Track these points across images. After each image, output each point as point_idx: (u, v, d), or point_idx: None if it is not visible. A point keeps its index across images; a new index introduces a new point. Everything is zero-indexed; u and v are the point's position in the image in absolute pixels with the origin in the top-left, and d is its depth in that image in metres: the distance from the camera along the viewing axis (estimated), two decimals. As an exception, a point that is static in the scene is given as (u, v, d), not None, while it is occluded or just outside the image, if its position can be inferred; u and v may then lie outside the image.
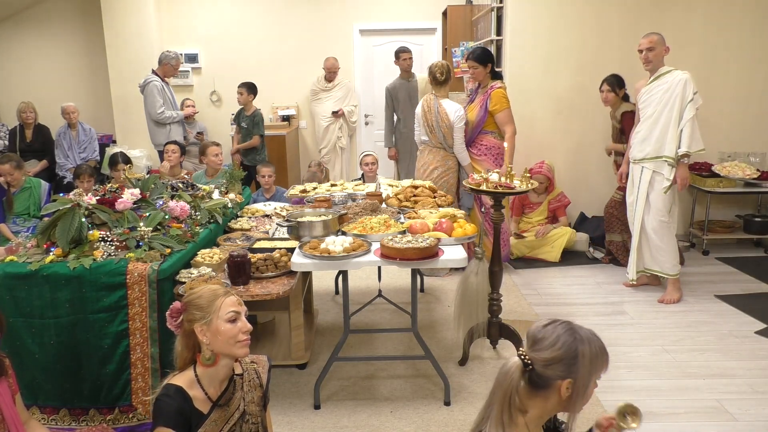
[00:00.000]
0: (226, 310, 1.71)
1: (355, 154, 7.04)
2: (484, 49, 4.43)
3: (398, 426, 2.70)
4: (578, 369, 1.38)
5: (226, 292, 1.77)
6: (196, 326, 1.71)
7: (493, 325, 3.23)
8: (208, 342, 1.71)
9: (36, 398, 2.61)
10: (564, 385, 1.38)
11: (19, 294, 2.53)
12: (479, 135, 4.42)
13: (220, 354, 1.73)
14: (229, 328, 1.71)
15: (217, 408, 1.74)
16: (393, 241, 2.65)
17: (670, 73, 3.90)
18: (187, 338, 1.76)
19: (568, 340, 1.39)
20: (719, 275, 4.59)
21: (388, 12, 7.11)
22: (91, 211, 2.83)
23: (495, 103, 4.30)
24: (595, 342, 1.42)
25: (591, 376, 1.41)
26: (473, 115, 4.40)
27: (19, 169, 4.61)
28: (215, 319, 1.70)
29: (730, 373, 3.11)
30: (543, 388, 1.40)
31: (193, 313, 1.72)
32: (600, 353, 1.42)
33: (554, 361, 1.38)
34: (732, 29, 5.15)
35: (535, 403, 1.42)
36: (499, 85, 4.36)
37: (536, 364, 1.39)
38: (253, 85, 5.98)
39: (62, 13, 7.15)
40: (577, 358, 1.38)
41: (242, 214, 3.83)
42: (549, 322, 1.44)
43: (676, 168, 3.90)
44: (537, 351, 1.41)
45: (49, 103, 6.73)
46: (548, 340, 1.40)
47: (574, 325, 1.43)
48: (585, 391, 1.41)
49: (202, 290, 1.77)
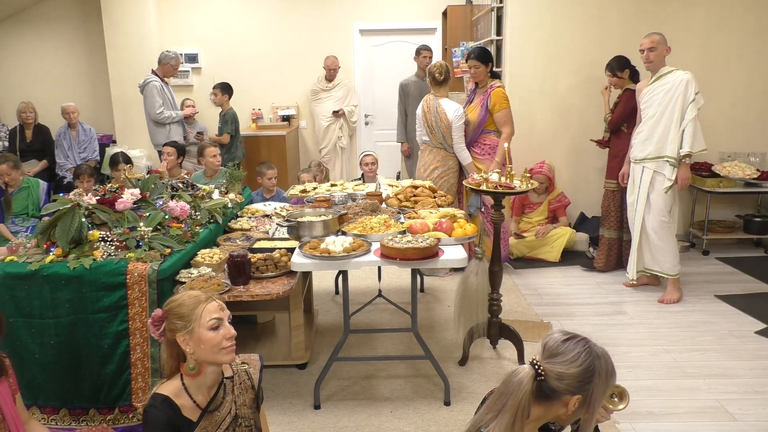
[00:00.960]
0: (207, 317, 1.66)
1: (355, 154, 7.04)
2: (485, 49, 4.44)
3: (398, 426, 2.70)
4: (592, 387, 1.38)
5: (207, 298, 1.71)
6: (178, 336, 1.67)
7: (493, 325, 3.23)
8: (192, 351, 1.67)
9: (36, 398, 2.61)
10: (573, 400, 1.38)
11: (19, 294, 2.53)
12: (481, 134, 4.42)
13: (205, 363, 1.69)
14: (212, 336, 1.66)
15: (206, 415, 1.71)
16: (393, 241, 2.65)
17: (671, 73, 3.90)
18: (170, 347, 1.72)
19: (587, 359, 1.38)
20: (719, 275, 4.59)
21: (388, 12, 7.11)
22: (91, 211, 2.83)
23: (494, 102, 4.30)
24: (610, 365, 1.42)
25: (603, 395, 1.41)
26: (474, 115, 4.40)
27: (16, 169, 4.60)
28: (197, 327, 1.65)
29: (730, 373, 3.11)
30: (550, 399, 1.39)
31: (174, 323, 1.68)
32: (612, 372, 1.42)
33: (569, 377, 1.37)
34: (732, 29, 5.15)
35: (536, 408, 1.42)
36: (499, 84, 4.36)
37: (549, 375, 1.38)
38: (227, 85, 6.04)
39: (62, 13, 7.14)
40: (594, 377, 1.38)
41: (242, 214, 3.83)
42: (569, 337, 1.42)
43: (677, 168, 3.90)
44: (553, 364, 1.39)
45: (49, 103, 6.73)
46: (568, 356, 1.38)
47: (591, 343, 1.42)
48: (596, 409, 1.41)
49: (183, 297, 1.71)
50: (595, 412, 1.41)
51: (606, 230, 4.69)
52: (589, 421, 1.42)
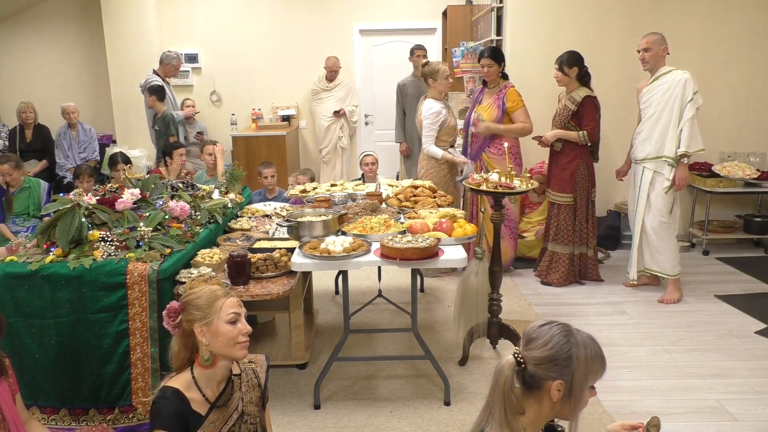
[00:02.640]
0: (227, 311, 1.71)
1: (355, 154, 7.05)
2: (498, 48, 4.47)
3: (398, 426, 2.70)
4: (571, 371, 1.37)
5: (226, 293, 1.76)
6: (195, 326, 1.70)
7: (493, 325, 3.23)
8: (207, 343, 1.71)
9: (36, 398, 2.61)
10: (554, 386, 1.38)
11: (19, 294, 2.53)
12: (497, 135, 4.41)
13: (219, 355, 1.72)
14: (230, 329, 1.70)
15: (215, 409, 1.73)
16: (393, 241, 2.65)
17: (670, 73, 3.90)
18: (185, 338, 1.75)
19: (561, 341, 1.39)
20: (719, 275, 4.59)
21: (388, 12, 7.11)
22: (91, 211, 2.83)
23: (511, 101, 4.33)
24: (591, 347, 1.41)
25: (585, 380, 1.40)
26: (489, 115, 4.40)
27: (18, 169, 4.61)
28: (216, 319, 1.70)
29: (730, 373, 3.11)
30: (535, 388, 1.40)
31: (193, 314, 1.71)
32: (595, 358, 1.41)
33: (545, 361, 1.38)
34: (732, 29, 5.15)
35: (530, 404, 1.42)
36: (512, 84, 4.40)
37: (528, 362, 1.39)
38: (158, 87, 5.61)
39: (62, 13, 7.15)
40: (570, 360, 1.37)
41: (242, 214, 3.83)
42: (546, 323, 1.44)
43: (675, 168, 3.90)
44: (530, 350, 1.40)
45: (49, 103, 6.73)
46: (541, 340, 1.40)
47: (572, 328, 1.43)
48: (580, 396, 1.40)
49: (202, 290, 1.76)
50: (579, 400, 1.40)
51: (559, 245, 4.38)
52: (573, 409, 1.40)
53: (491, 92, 4.44)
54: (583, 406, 1.43)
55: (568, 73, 4.20)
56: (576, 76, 4.21)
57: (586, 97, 4.18)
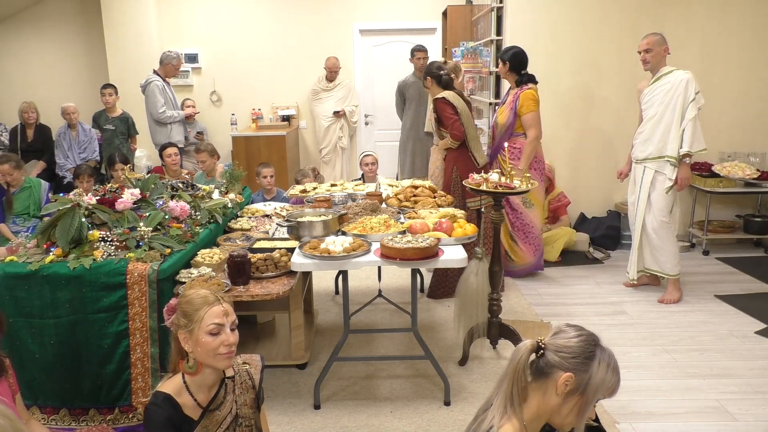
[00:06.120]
0: (208, 321, 1.66)
1: (355, 154, 7.04)
2: (512, 51, 4.32)
3: (398, 426, 2.70)
4: (589, 374, 1.39)
5: (215, 301, 1.70)
6: (179, 333, 1.69)
7: (493, 325, 3.23)
8: (190, 350, 1.68)
9: (36, 398, 2.61)
10: (563, 378, 1.39)
11: (19, 294, 2.53)
12: (510, 137, 4.31)
13: (203, 364, 1.70)
14: (210, 341, 1.66)
15: (207, 414, 1.72)
16: (393, 241, 2.65)
17: (671, 74, 3.90)
18: (175, 342, 1.74)
19: (590, 341, 1.43)
20: (719, 275, 4.59)
21: (388, 12, 7.11)
22: (91, 211, 2.83)
23: (522, 104, 4.24)
24: (614, 362, 1.44)
25: (600, 388, 1.41)
26: (503, 117, 4.36)
27: (18, 169, 4.61)
28: (197, 329, 1.66)
29: (730, 373, 3.11)
30: (544, 376, 1.41)
31: (179, 319, 1.69)
32: (614, 373, 1.43)
33: (567, 351, 1.40)
34: (732, 29, 5.15)
35: (534, 392, 1.43)
36: (530, 86, 4.27)
37: (549, 348, 1.42)
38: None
39: (62, 13, 7.15)
40: (591, 362, 1.40)
41: (242, 214, 3.83)
42: (577, 326, 1.48)
43: (677, 168, 3.90)
44: (555, 338, 1.44)
45: (49, 103, 6.72)
46: (571, 333, 1.44)
47: (600, 341, 1.46)
48: (591, 399, 1.41)
49: (194, 295, 1.71)
50: (589, 404, 1.41)
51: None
52: (582, 410, 1.41)
53: (512, 93, 4.40)
54: (588, 415, 1.45)
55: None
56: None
57: (435, 100, 4.07)
